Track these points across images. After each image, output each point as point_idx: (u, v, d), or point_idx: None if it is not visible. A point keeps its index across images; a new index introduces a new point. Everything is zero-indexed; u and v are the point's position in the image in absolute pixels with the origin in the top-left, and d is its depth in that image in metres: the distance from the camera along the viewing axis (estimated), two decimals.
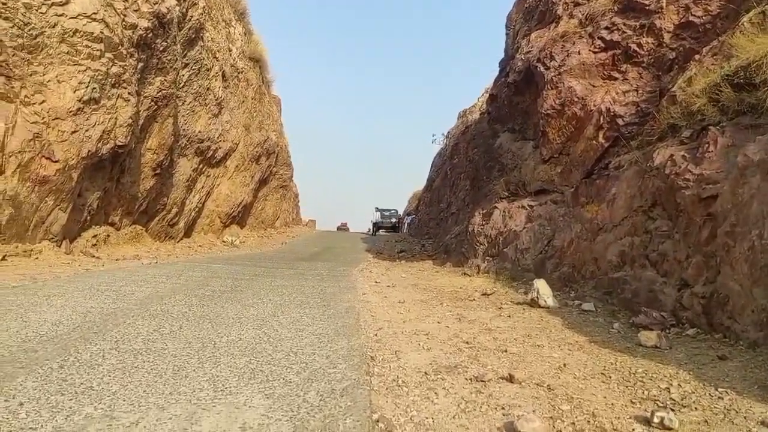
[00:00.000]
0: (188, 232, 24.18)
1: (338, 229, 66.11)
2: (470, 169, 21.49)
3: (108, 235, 16.79)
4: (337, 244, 30.22)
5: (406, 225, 48.11)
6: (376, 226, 46.93)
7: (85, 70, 13.38)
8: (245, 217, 32.06)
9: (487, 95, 19.34)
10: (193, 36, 20.17)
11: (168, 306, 7.76)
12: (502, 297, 10.20)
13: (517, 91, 14.74)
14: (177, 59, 17.65)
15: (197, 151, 22.63)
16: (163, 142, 18.21)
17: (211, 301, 8.48)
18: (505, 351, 6.07)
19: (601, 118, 11.29)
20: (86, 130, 13.65)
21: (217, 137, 24.51)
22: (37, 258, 12.61)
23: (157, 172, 18.57)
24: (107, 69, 13.95)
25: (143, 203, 18.56)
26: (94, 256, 14.36)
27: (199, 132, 22.42)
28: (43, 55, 12.52)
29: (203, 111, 22.65)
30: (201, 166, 23.69)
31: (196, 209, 24.28)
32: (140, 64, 15.49)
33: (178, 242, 22.49)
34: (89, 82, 13.50)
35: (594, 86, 11.82)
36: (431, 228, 33.43)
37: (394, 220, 48.37)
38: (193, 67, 21.00)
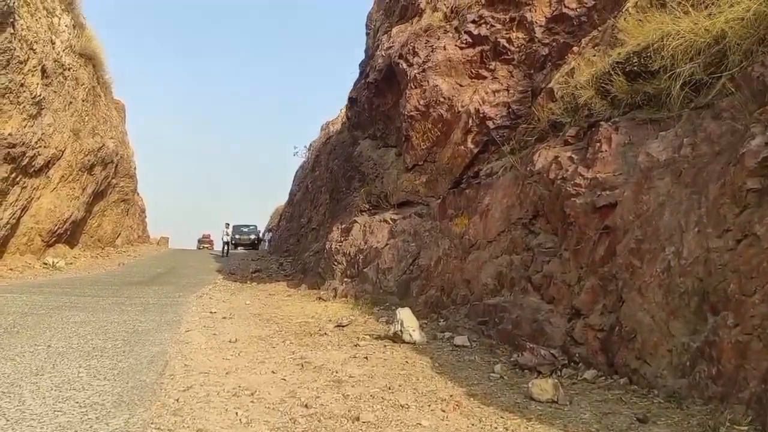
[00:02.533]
0: None
1: (200, 242, 54.45)
2: (329, 181, 19.83)
3: None
4: (186, 264, 27.26)
5: (267, 242, 45.63)
6: (232, 243, 43.95)
7: None
8: (76, 234, 28.09)
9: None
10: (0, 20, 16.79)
11: None
12: (359, 328, 8.48)
13: (378, 92, 13.28)
14: None
15: (7, 158, 18.95)
16: None
17: None
18: (358, 419, 4.31)
19: (470, 121, 10.04)
20: None
21: (36, 142, 20.85)
22: None
23: None
24: None
25: None
26: None
27: (10, 135, 18.78)
28: None
29: (15, 110, 19.03)
30: (14, 175, 19.93)
31: (8, 226, 20.42)
32: None
33: None
34: None
35: (461, 85, 10.58)
36: (291, 245, 31.41)
37: (253, 236, 45.53)
38: (0, 58, 17.53)
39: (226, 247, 33.34)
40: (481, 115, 9.88)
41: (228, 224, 35.32)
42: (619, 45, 6.64)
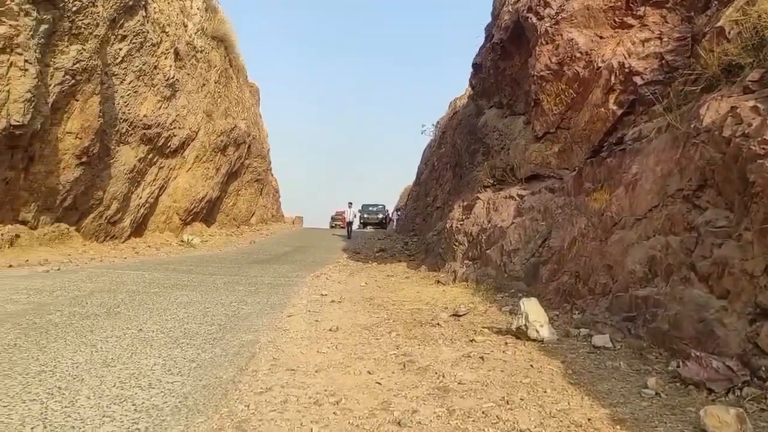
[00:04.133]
0: (138, 231, 21.30)
1: (333, 220, 50.50)
2: (453, 156, 18.65)
3: (17, 236, 13.95)
4: (314, 243, 27.35)
5: (394, 221, 45.38)
6: (360, 222, 44.03)
7: None
8: (213, 213, 29.19)
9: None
10: (131, 3, 17.24)
11: None
12: (478, 319, 7.38)
13: (504, 53, 11.91)
14: (100, 24, 14.76)
15: (144, 139, 19.72)
16: (87, 125, 15.33)
17: (46, 333, 5.66)
18: None
19: (613, 78, 8.48)
20: None
21: (171, 123, 21.60)
22: None
23: (83, 160, 15.69)
24: None
25: (67, 197, 15.69)
26: None
27: (145, 116, 19.51)
28: None
29: (150, 92, 19.73)
30: (151, 155, 20.78)
31: (147, 205, 21.38)
32: (43, 26, 12.62)
33: (123, 242, 19.62)
34: None
35: (602, 37, 9.01)
36: (417, 224, 30.64)
37: (381, 215, 45.40)
38: (134, 41, 18.07)
39: (349, 228, 31.60)
40: (626, 70, 8.29)
41: (351, 204, 33.09)
42: None
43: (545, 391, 4.32)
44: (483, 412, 3.87)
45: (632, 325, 5.76)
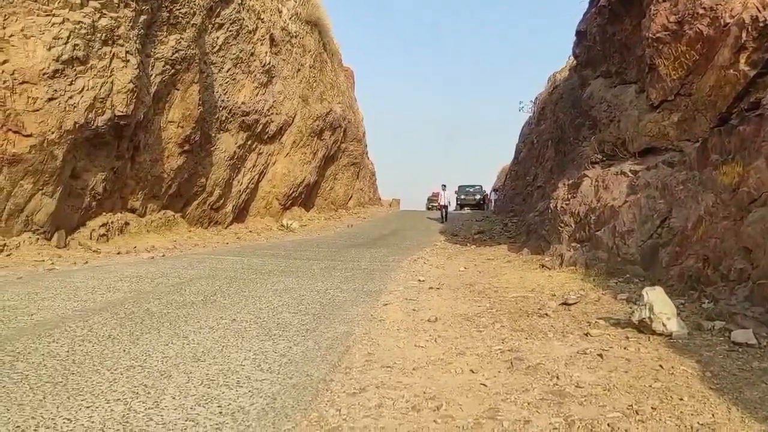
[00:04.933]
0: (240, 217, 21.84)
1: (429, 201, 46.94)
2: (555, 131, 17.62)
3: (126, 224, 14.51)
4: (411, 225, 27.04)
5: (492, 202, 44.30)
6: (458, 203, 43.20)
7: (62, 23, 10.91)
8: (311, 197, 29.52)
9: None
10: None
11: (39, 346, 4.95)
12: (591, 308, 6.72)
13: (613, 16, 10.90)
14: (196, 13, 15.00)
15: (242, 125, 20.07)
16: (188, 114, 15.70)
17: (141, 324, 5.62)
18: None
19: (744, 34, 7.45)
20: (70, 97, 11.22)
21: (268, 109, 21.88)
22: (9, 255, 10.38)
23: (186, 148, 16.12)
24: (93, 21, 11.44)
25: (172, 185, 16.19)
26: (92, 250, 12.04)
27: (243, 103, 19.82)
28: (2, 2, 10.13)
29: (247, 79, 20.02)
30: (249, 142, 21.16)
31: (248, 190, 21.85)
32: (142, 17, 12.92)
33: (225, 228, 20.15)
34: (69, 37, 11.02)
35: None
36: (516, 204, 29.60)
37: (478, 196, 44.26)
38: (230, 29, 18.34)
39: (444, 212, 29.13)
40: (760, 25, 7.25)
41: (445, 186, 30.56)
42: None
43: (681, 399, 3.69)
44: (608, 425, 3.32)
45: None
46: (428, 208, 46.10)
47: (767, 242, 5.42)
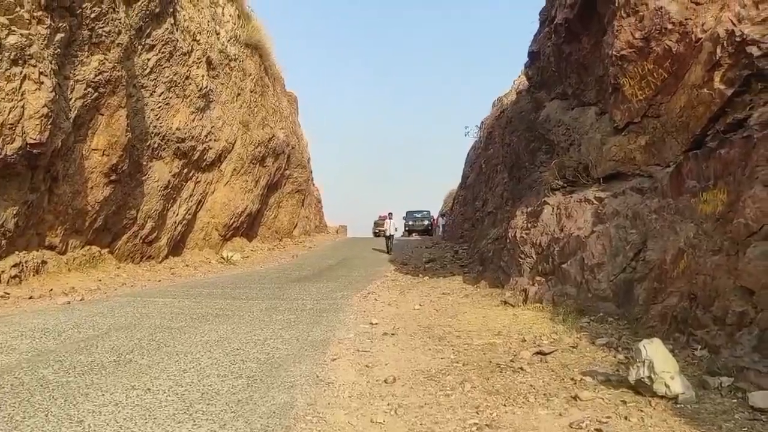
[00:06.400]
0: (176, 250, 20.35)
1: (376, 226, 43.08)
2: (508, 156, 17.05)
3: (43, 262, 12.99)
4: (359, 254, 26.06)
5: (441, 227, 43.87)
6: (405, 229, 42.49)
7: None
8: (254, 227, 28.19)
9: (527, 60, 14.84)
10: (158, 10, 16.29)
11: None
12: (570, 358, 5.87)
13: (570, 35, 10.35)
14: (122, 32, 13.79)
15: (178, 153, 18.74)
16: (115, 141, 14.36)
17: (28, 402, 4.42)
18: None
19: (719, 50, 6.88)
20: None
21: (205, 136, 20.62)
22: None
23: (113, 178, 14.73)
24: (0, 39, 10.14)
25: (97, 218, 14.74)
26: None
27: (178, 129, 18.52)
28: None
29: (182, 104, 18.75)
30: (186, 170, 19.80)
31: (184, 222, 20.41)
32: (59, 35, 11.63)
33: (160, 262, 18.66)
34: None
35: (699, 3, 7.40)
36: (466, 230, 29.07)
37: (426, 222, 43.77)
38: (163, 50, 17.11)
39: (389, 242, 26.57)
40: (737, 40, 6.68)
41: (391, 214, 28.29)
42: None
43: None
44: None
45: None
46: (375, 234, 43.40)
47: None
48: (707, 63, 7.09)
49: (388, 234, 27.18)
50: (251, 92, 25.51)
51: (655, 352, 4.44)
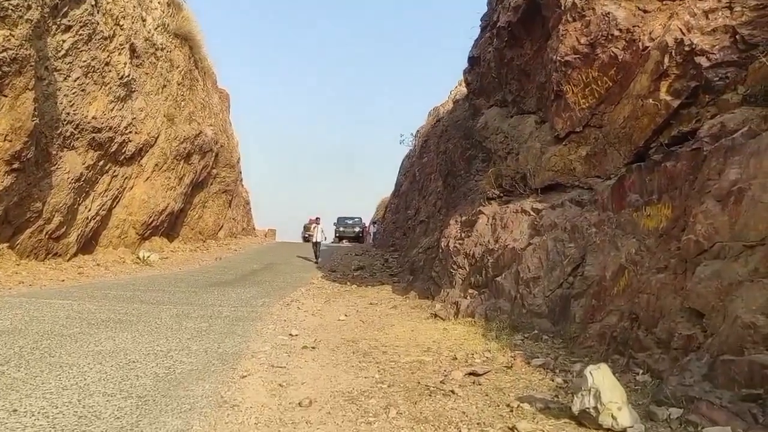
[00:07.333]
0: (88, 247, 18.85)
1: (305, 230, 40.88)
2: (443, 164, 16.68)
3: None
4: (286, 259, 25.15)
5: (372, 235, 43.38)
6: (336, 236, 41.77)
7: None
8: (176, 227, 26.80)
9: (465, 67, 14.49)
10: None
11: None
12: (505, 381, 5.36)
13: (512, 40, 10.00)
14: (32, 7, 12.55)
15: (93, 144, 17.36)
16: (19, 126, 13.02)
17: None
18: None
19: (666, 59, 6.61)
20: None
21: (125, 127, 19.25)
22: None
23: (15, 166, 13.35)
24: None
25: None
26: None
27: (95, 118, 17.14)
28: None
29: (100, 92, 17.39)
30: (102, 162, 18.39)
31: (98, 218, 18.95)
32: None
33: (68, 261, 17.19)
34: None
35: (647, 11, 7.15)
36: (397, 239, 28.67)
37: (357, 229, 43.17)
38: (80, 32, 15.78)
39: (316, 249, 24.86)
40: (685, 50, 6.43)
41: (319, 219, 26.61)
42: None
43: None
44: None
45: (761, 410, 3.79)
46: (304, 239, 41.36)
47: (729, 306, 4.32)
48: (654, 72, 6.82)
49: (315, 240, 25.21)
50: (179, 85, 24.20)
51: (602, 380, 3.97)
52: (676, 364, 4.71)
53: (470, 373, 5.50)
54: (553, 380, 5.30)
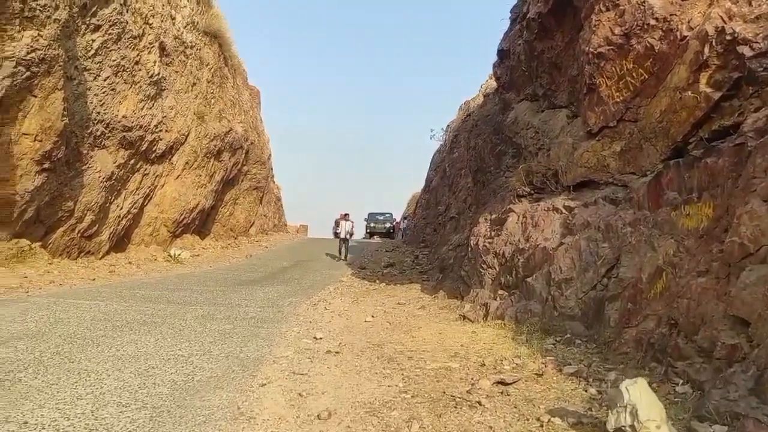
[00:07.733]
0: (120, 245, 19.08)
1: (336, 225, 33.28)
2: (473, 160, 16.36)
3: None
4: (316, 256, 25.10)
5: (402, 230, 43.13)
6: (366, 231, 41.63)
7: None
8: (207, 224, 26.98)
9: (495, 60, 14.13)
10: None
11: None
12: (536, 392, 5.11)
13: (543, 31, 9.67)
14: (60, 7, 12.64)
15: (124, 142, 17.52)
16: (49, 125, 13.17)
17: None
18: None
19: (707, 49, 6.24)
20: None
21: (156, 126, 19.40)
22: None
23: (46, 166, 13.52)
24: None
25: (27, 209, 13.51)
26: None
27: (125, 117, 17.30)
28: None
29: (130, 91, 17.53)
30: (133, 161, 18.56)
31: (129, 216, 19.15)
32: None
33: (100, 259, 17.40)
34: None
35: None
36: (428, 235, 28.40)
37: (388, 224, 42.93)
38: (110, 32, 15.91)
39: (344, 247, 23.69)
40: (727, 38, 6.05)
41: (347, 215, 24.94)
42: None
43: None
44: None
45: None
46: (335, 234, 40.89)
47: None
48: (693, 63, 6.45)
49: (342, 237, 23.91)
50: (208, 82, 24.31)
51: (639, 396, 3.70)
52: (718, 376, 4.41)
53: (498, 382, 5.26)
54: (586, 390, 5.03)
